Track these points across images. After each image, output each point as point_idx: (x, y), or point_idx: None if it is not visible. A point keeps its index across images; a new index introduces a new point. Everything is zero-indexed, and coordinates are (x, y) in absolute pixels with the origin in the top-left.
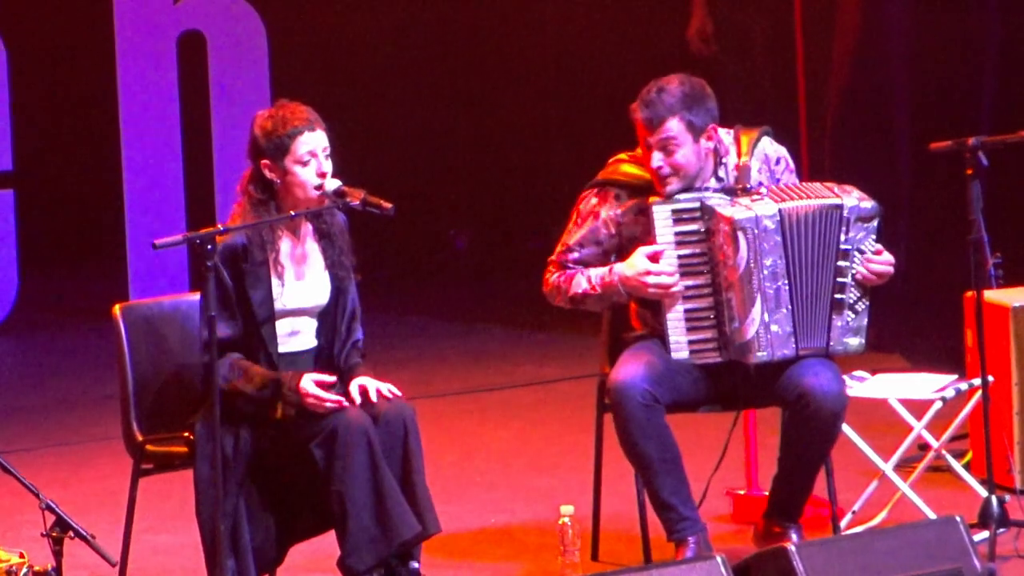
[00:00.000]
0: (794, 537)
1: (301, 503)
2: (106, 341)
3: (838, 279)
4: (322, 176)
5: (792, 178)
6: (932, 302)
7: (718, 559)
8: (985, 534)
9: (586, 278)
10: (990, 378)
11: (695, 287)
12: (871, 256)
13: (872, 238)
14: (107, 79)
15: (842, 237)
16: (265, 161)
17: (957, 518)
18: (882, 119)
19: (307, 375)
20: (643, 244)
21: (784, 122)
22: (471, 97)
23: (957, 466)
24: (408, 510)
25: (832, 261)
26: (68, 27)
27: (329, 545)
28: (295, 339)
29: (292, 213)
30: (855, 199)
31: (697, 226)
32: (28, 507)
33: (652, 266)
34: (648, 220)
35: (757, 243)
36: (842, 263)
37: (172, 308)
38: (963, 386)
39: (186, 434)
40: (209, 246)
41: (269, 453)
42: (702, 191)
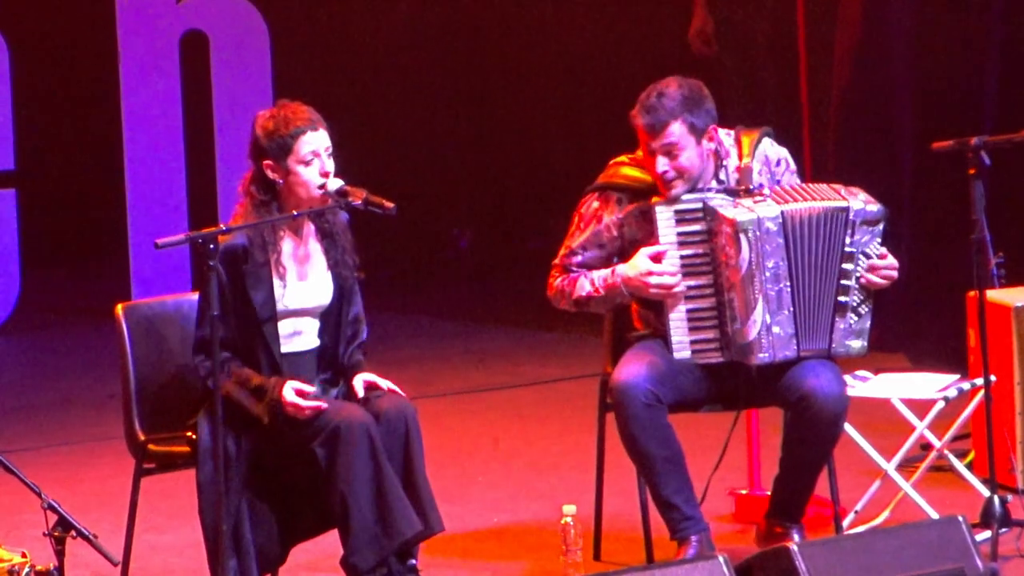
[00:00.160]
0: (796, 537)
1: (303, 502)
2: (108, 341)
3: (842, 282)
4: (325, 176)
5: (793, 179)
6: (935, 302)
7: (720, 559)
8: (987, 534)
9: (589, 281)
10: (992, 378)
11: (697, 287)
12: (876, 261)
13: (877, 241)
14: (109, 78)
15: (847, 240)
16: (267, 161)
17: (959, 518)
18: (884, 118)
19: (288, 383)
20: (645, 246)
21: (786, 122)
22: (473, 96)
23: (959, 466)
24: (411, 509)
25: (836, 264)
26: (70, 26)
27: (332, 544)
28: (298, 339)
29: (295, 212)
30: (861, 202)
31: (699, 227)
32: (30, 507)
33: (654, 266)
34: (650, 222)
35: (759, 245)
36: (846, 266)
37: (174, 308)
38: (965, 386)
39: (188, 434)
40: (211, 246)
41: (271, 453)
42: (704, 192)
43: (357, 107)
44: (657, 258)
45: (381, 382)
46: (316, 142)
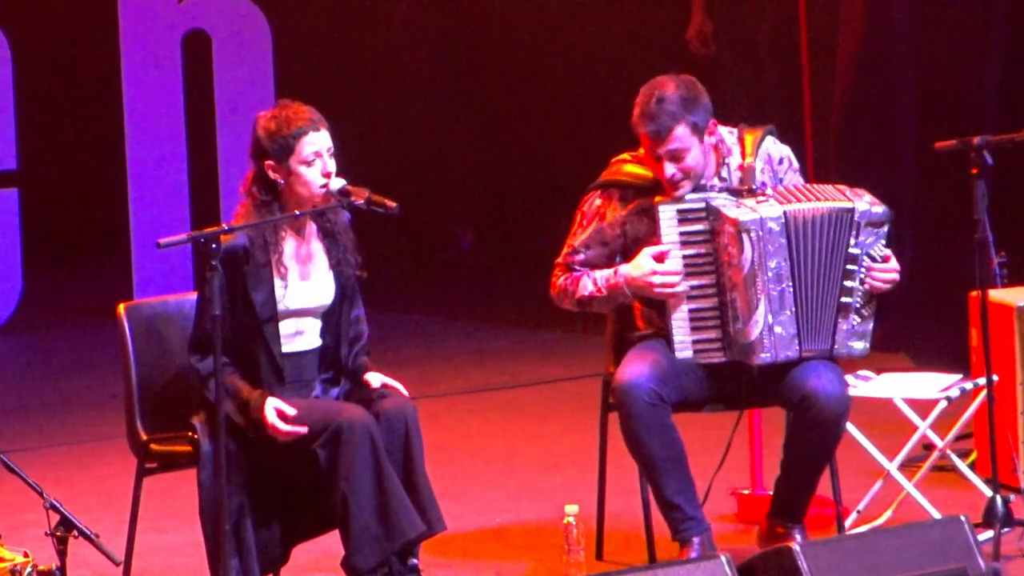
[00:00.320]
0: (798, 537)
1: (305, 502)
2: (110, 340)
3: (845, 283)
4: (327, 176)
5: (797, 178)
6: (937, 302)
7: (722, 559)
8: (990, 533)
9: (592, 280)
10: (995, 377)
11: (700, 287)
12: (880, 263)
13: (882, 243)
14: (112, 78)
15: (851, 241)
16: (269, 162)
17: (962, 518)
18: (886, 119)
19: (269, 402)
20: (648, 244)
21: (788, 123)
22: (475, 96)
23: (962, 465)
24: (412, 509)
25: (840, 265)
26: (73, 26)
27: (333, 544)
28: (299, 339)
29: (297, 212)
30: (867, 203)
31: (702, 226)
32: (32, 506)
33: (657, 266)
34: (653, 220)
35: (761, 245)
36: (850, 267)
37: (176, 307)
38: (968, 385)
39: (190, 433)
40: (213, 245)
41: (272, 453)
42: (707, 190)
43: (359, 107)
44: (660, 258)
45: (391, 383)
46: (318, 142)
